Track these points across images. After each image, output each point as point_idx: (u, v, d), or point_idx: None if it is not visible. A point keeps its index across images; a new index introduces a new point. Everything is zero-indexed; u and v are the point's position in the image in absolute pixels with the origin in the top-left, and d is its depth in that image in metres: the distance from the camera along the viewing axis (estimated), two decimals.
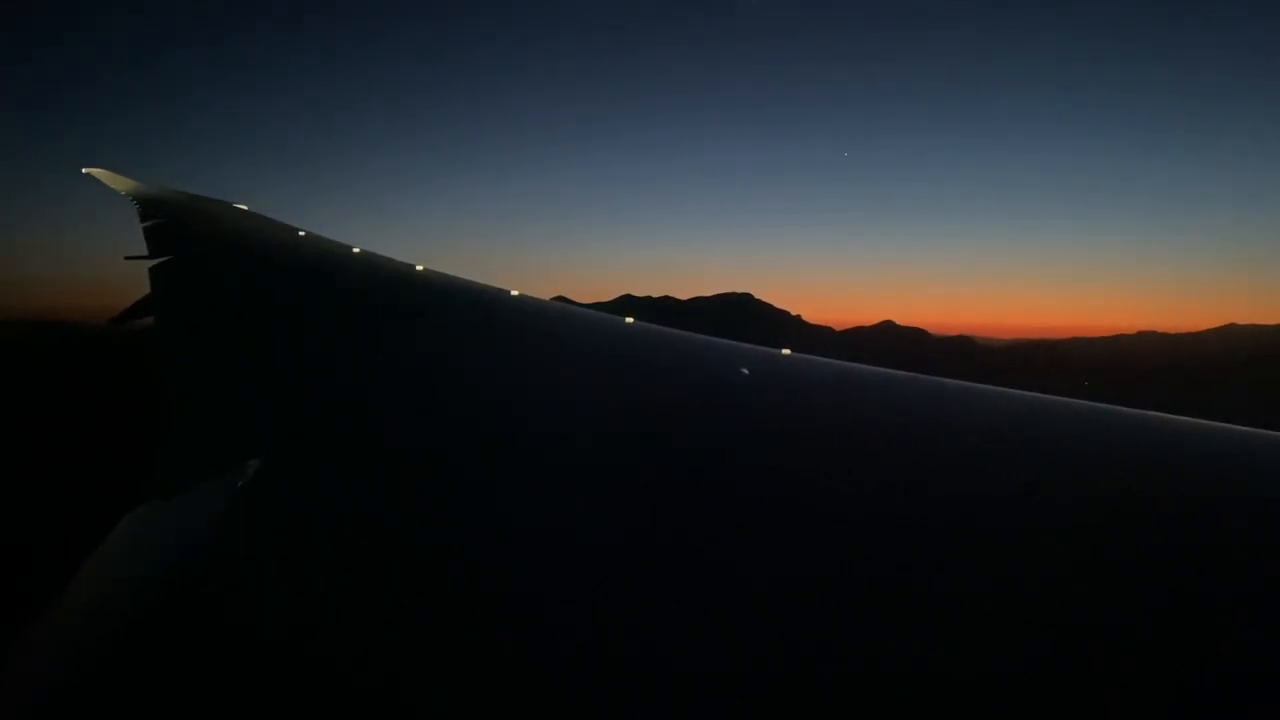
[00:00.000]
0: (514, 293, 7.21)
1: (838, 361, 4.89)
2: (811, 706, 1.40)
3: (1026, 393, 3.99)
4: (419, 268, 8.24)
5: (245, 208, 11.36)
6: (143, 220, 9.62)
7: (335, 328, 5.72)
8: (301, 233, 9.79)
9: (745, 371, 4.59)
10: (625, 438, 3.10)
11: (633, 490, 2.49)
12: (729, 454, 2.88)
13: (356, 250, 8.87)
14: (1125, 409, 3.59)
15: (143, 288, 7.20)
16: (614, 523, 2.22)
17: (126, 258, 8.09)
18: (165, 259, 7.95)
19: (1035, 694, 1.44)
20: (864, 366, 4.81)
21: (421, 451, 3.00)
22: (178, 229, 9.24)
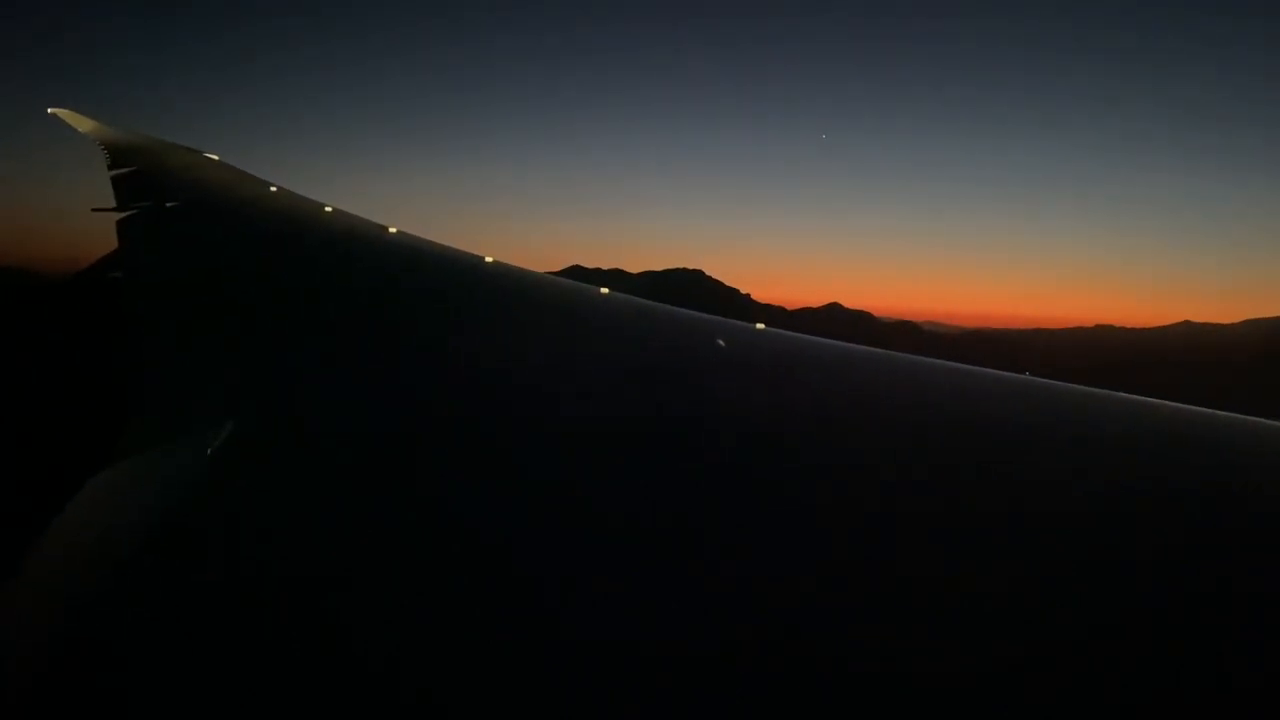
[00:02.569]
0: (488, 259, 7.19)
1: (836, 342, 4.90)
2: (810, 690, 1.40)
3: (1017, 375, 4.02)
4: (391, 230, 8.19)
5: (216, 158, 11.13)
6: (111, 168, 9.38)
7: (309, 290, 5.66)
8: (273, 188, 9.65)
9: (721, 343, 4.66)
10: (622, 414, 3.07)
11: (629, 467, 2.47)
12: (734, 436, 2.88)
13: (329, 209, 8.79)
14: (1107, 391, 3.67)
15: (109, 239, 7.04)
16: (608, 501, 2.21)
17: (94, 209, 7.89)
18: (134, 212, 7.79)
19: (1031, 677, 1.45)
20: (855, 346, 4.82)
21: (396, 416, 2.98)
22: (147, 180, 9.01)
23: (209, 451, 2.60)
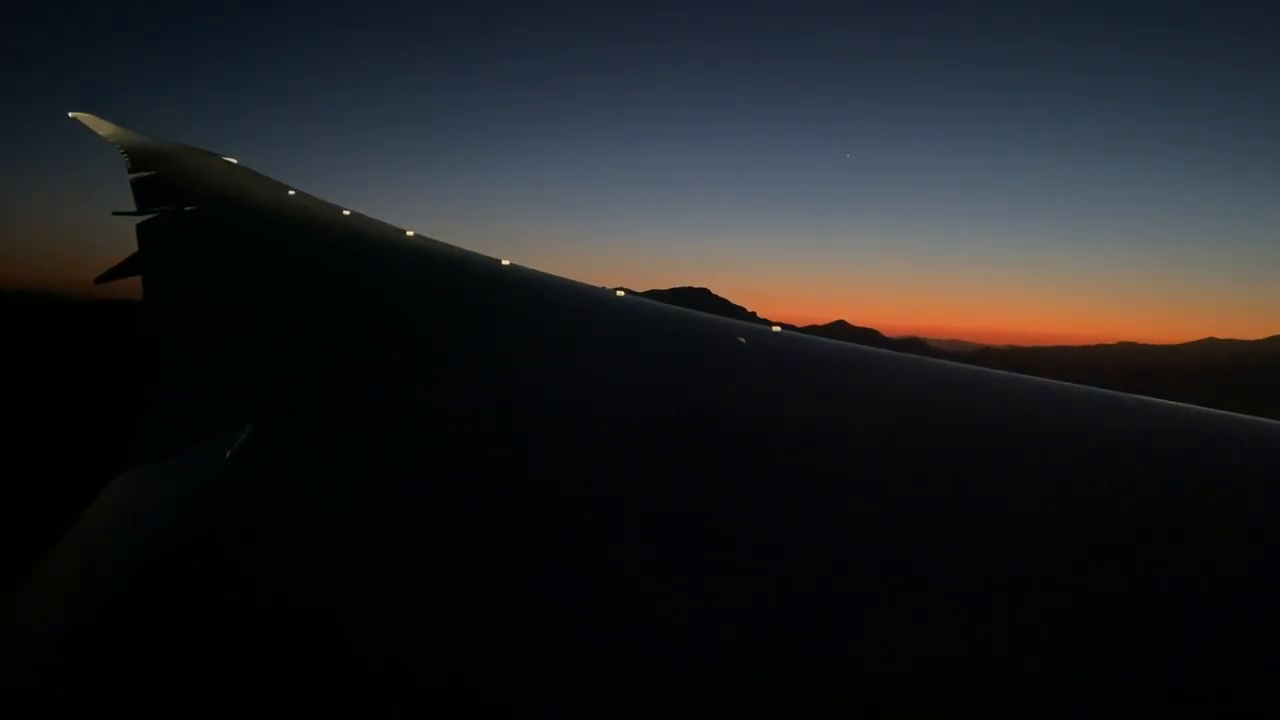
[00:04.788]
0: (505, 262, 7.19)
1: (858, 346, 4.87)
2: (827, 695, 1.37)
3: (1046, 380, 3.96)
4: (409, 233, 8.22)
5: (234, 161, 11.24)
6: (131, 171, 9.48)
7: (329, 292, 5.66)
8: (291, 191, 9.72)
9: (742, 340, 4.67)
10: (654, 412, 3.03)
11: (657, 472, 2.40)
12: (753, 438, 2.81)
13: (346, 212, 8.84)
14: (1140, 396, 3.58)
15: (130, 242, 7.11)
16: (641, 500, 2.18)
17: (114, 213, 7.99)
18: (154, 214, 7.87)
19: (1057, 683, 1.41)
20: (877, 349, 4.77)
21: (415, 420, 2.94)
22: (167, 184, 9.10)
23: (228, 455, 2.59)
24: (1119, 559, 1.86)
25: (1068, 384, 3.89)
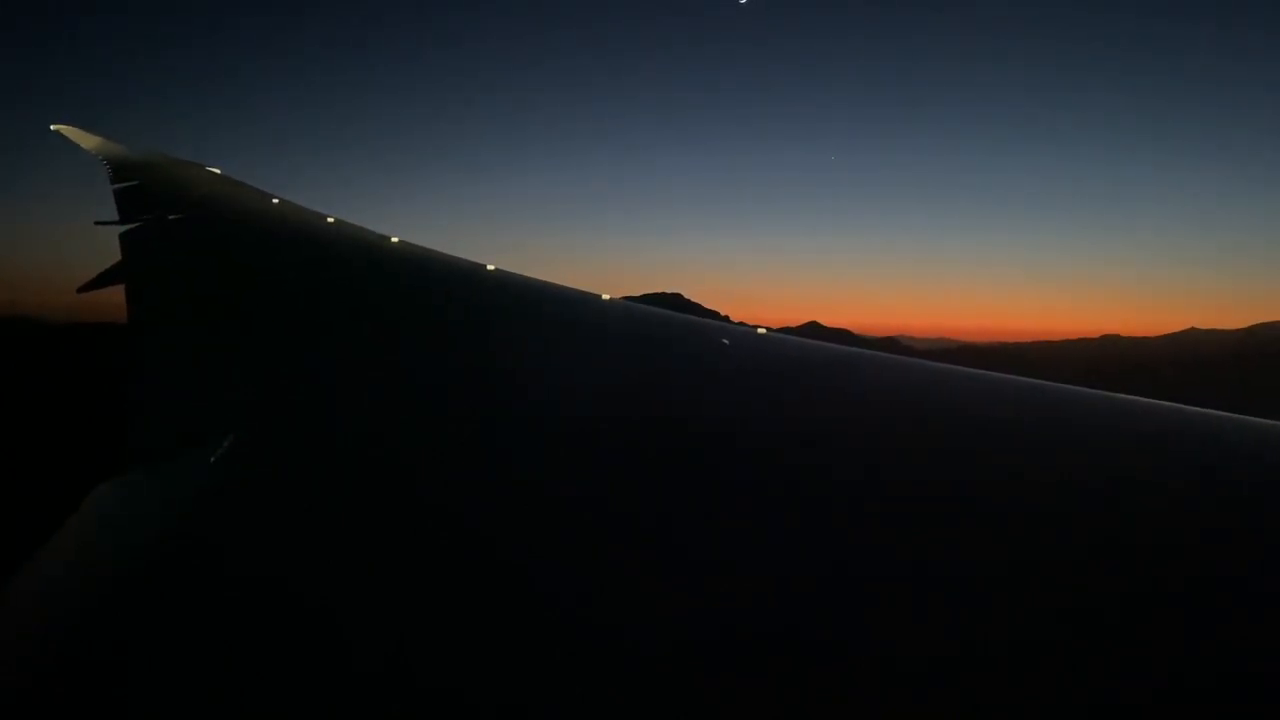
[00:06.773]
0: (490, 267, 7.21)
1: (847, 348, 4.86)
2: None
3: (1036, 381, 3.90)
4: (394, 239, 8.24)
5: (218, 171, 11.22)
6: (114, 182, 9.46)
7: (313, 299, 5.67)
8: (275, 200, 9.72)
9: (726, 342, 4.71)
10: (646, 414, 3.03)
11: (648, 475, 2.39)
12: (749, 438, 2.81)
13: (331, 220, 8.84)
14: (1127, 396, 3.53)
15: (113, 252, 7.11)
16: (632, 504, 2.17)
17: (97, 223, 8.01)
18: (138, 224, 7.88)
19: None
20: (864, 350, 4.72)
21: (403, 428, 2.93)
22: (150, 194, 9.09)
23: (212, 460, 2.61)
24: (1090, 563, 1.85)
25: (1036, 381, 3.90)
